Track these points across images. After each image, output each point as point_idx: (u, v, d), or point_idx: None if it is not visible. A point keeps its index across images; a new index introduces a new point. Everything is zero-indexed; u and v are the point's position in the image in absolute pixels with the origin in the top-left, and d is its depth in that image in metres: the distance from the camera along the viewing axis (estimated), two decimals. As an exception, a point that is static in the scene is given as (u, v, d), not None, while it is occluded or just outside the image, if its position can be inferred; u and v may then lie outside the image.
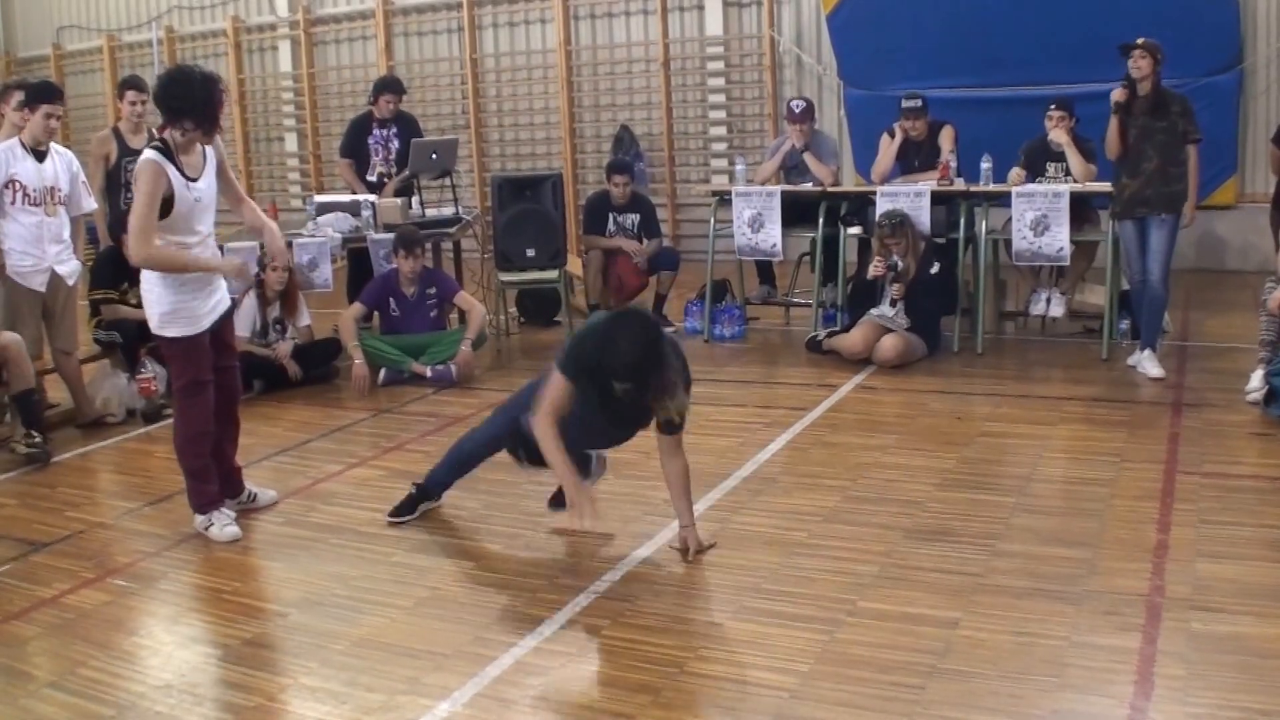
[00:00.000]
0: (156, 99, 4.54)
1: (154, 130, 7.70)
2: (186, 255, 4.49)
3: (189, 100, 4.37)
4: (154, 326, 4.58)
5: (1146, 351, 6.55)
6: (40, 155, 6.09)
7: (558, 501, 4.52)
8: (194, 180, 4.46)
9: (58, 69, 15.40)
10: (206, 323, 4.61)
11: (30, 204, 6.04)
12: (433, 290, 7.40)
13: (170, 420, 6.41)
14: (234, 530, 4.61)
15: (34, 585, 4.21)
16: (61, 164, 6.22)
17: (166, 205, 4.38)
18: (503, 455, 5.52)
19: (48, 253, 6.13)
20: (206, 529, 4.62)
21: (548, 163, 12.83)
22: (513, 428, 4.39)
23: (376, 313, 7.51)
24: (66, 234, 6.26)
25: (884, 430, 5.85)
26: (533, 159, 13.17)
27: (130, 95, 7.37)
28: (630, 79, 12.69)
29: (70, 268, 6.28)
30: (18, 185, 5.99)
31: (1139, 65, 6.38)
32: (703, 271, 8.31)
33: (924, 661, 3.34)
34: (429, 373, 7.12)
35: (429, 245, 7.64)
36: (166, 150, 4.40)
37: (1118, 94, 6.46)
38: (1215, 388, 6.22)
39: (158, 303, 4.52)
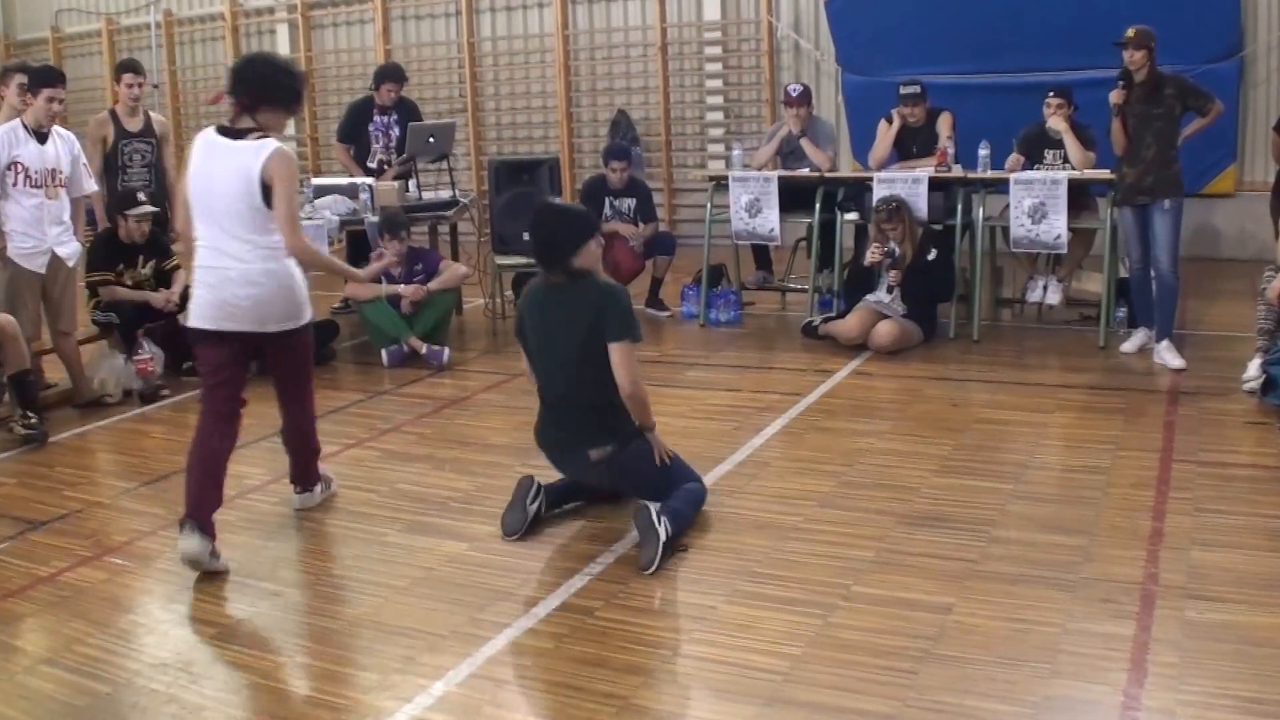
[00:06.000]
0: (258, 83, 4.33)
1: (150, 113, 7.68)
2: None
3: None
4: (306, 317, 4.33)
5: (1165, 343, 6.53)
6: (42, 137, 6.09)
7: None
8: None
9: (56, 52, 15.34)
10: None
11: (32, 186, 6.04)
12: (419, 267, 7.47)
13: (166, 400, 6.45)
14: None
15: (31, 563, 4.23)
16: (63, 146, 6.23)
17: None
18: (504, 440, 5.54)
19: (48, 234, 6.13)
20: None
21: (544, 147, 12.82)
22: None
23: None
24: (67, 216, 6.26)
25: (879, 416, 5.86)
26: (529, 143, 13.13)
27: (127, 78, 7.37)
28: (628, 64, 12.65)
29: (70, 249, 6.28)
30: (20, 167, 6.00)
31: (1133, 58, 6.37)
32: (699, 256, 8.30)
33: (917, 646, 3.35)
34: (424, 349, 7.13)
35: (411, 228, 7.64)
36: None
37: (1114, 95, 6.44)
38: (1212, 376, 6.22)
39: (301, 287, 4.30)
